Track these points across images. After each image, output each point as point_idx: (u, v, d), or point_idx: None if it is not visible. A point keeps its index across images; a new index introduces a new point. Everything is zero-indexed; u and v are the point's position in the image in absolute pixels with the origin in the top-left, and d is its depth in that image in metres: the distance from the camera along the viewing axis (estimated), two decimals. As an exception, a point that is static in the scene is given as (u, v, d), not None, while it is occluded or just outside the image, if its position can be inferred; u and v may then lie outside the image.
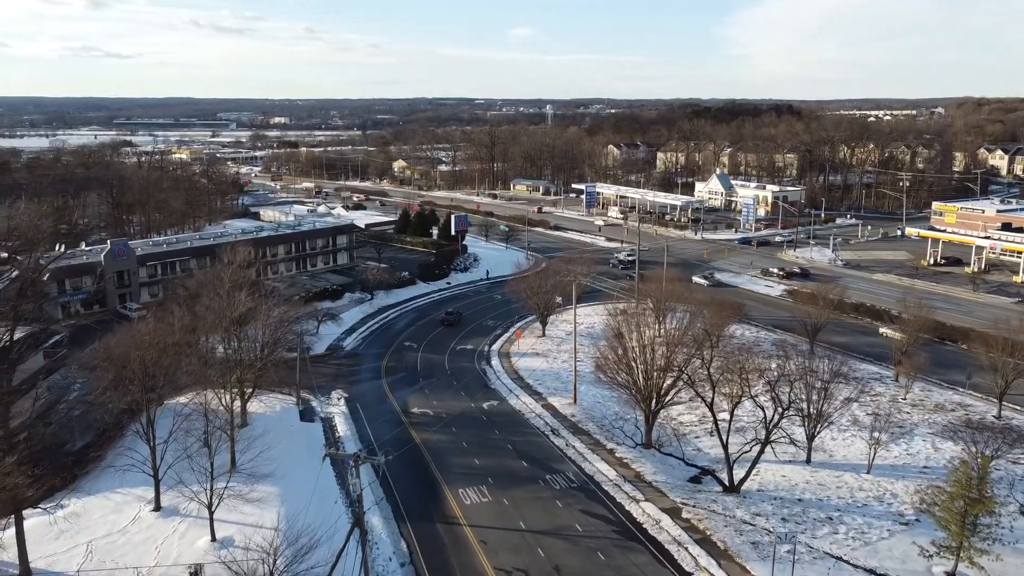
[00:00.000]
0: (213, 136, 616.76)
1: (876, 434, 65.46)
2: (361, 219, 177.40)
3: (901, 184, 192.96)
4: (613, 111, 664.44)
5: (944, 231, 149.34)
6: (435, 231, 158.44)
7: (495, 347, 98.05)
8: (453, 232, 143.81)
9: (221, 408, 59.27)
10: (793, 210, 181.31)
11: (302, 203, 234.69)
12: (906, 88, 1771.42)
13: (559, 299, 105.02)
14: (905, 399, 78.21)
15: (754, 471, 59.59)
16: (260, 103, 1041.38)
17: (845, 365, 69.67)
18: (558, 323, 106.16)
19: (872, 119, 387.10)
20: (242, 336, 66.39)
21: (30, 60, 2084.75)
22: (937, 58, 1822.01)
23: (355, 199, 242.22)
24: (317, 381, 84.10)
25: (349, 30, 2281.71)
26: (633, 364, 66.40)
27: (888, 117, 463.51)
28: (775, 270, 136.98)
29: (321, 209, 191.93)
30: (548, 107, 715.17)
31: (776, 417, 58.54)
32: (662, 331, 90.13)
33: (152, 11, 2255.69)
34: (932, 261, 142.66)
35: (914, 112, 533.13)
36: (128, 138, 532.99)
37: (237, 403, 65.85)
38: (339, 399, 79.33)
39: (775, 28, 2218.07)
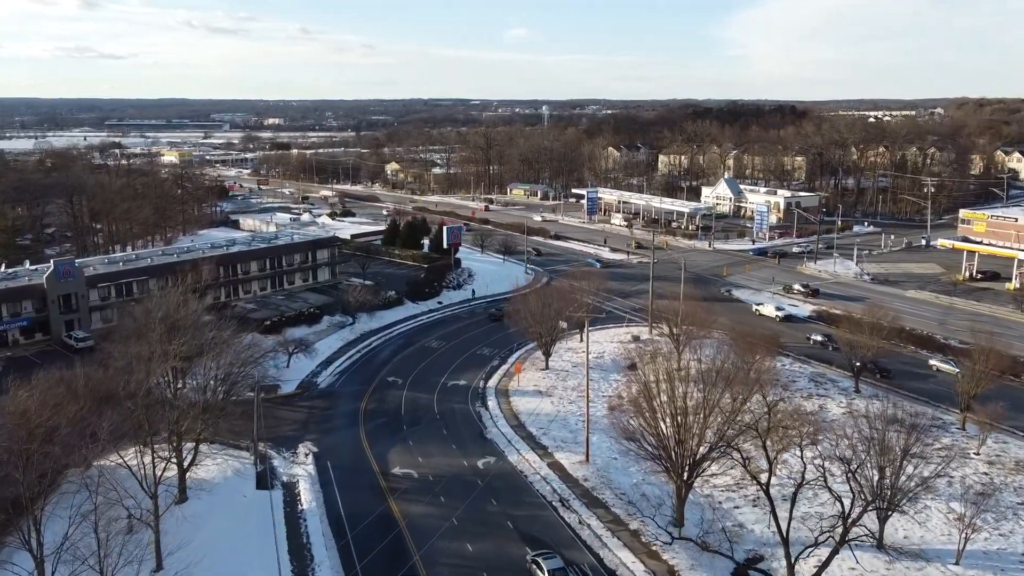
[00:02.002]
0: (205, 137, 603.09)
1: (958, 506, 53.53)
2: (348, 228, 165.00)
3: (926, 190, 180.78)
4: (610, 111, 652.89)
5: (980, 242, 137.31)
6: (426, 242, 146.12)
7: (491, 383, 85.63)
8: (445, 244, 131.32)
9: (146, 481, 46.82)
10: (812, 218, 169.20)
11: (288, 209, 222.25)
12: (902, 89, 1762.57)
13: (563, 324, 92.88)
14: (978, 454, 66.08)
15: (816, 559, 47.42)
16: (255, 104, 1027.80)
17: (917, 426, 56.81)
18: (563, 351, 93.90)
19: (872, 119, 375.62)
20: (180, 390, 53.88)
21: (23, 61, 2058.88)
22: (932, 59, 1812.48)
23: (341, 195, 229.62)
24: (283, 430, 71.72)
25: (344, 31, 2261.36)
26: (662, 425, 53.97)
27: (888, 118, 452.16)
28: (797, 287, 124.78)
29: (305, 217, 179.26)
30: (544, 108, 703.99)
31: (859, 511, 46.15)
32: (687, 367, 78.23)
33: (145, 11, 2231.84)
34: (968, 275, 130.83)
35: (913, 112, 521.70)
36: (118, 139, 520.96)
37: (173, 470, 53.49)
38: (307, 455, 66.88)
39: (771, 29, 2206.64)
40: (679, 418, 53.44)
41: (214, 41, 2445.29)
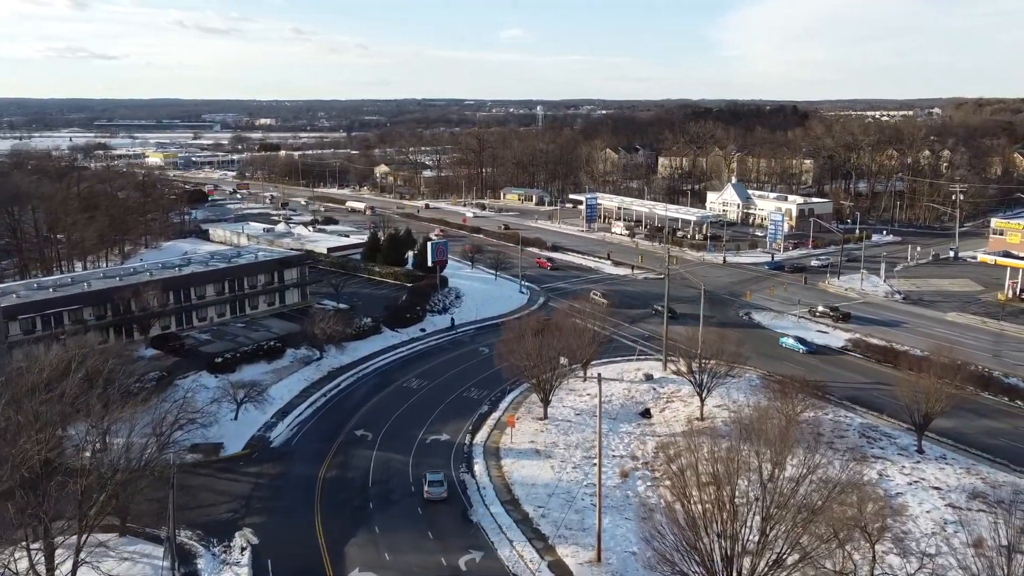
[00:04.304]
0: (195, 138, 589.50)
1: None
2: (325, 241, 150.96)
3: (953, 196, 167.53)
4: (605, 112, 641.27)
5: (1022, 257, 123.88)
6: (410, 256, 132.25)
7: (479, 437, 71.75)
8: (430, 262, 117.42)
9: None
10: (832, 227, 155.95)
11: (267, 216, 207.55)
12: (897, 89, 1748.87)
13: (564, 360, 79.12)
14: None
15: None
16: (248, 104, 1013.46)
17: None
18: (563, 394, 80.00)
19: (871, 120, 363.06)
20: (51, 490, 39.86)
21: (14, 61, 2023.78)
22: (928, 59, 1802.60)
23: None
24: (218, 510, 57.70)
25: (338, 31, 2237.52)
26: (705, 537, 40.18)
27: (886, 118, 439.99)
28: (822, 308, 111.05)
29: (280, 227, 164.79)
30: (539, 108, 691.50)
31: None
32: (713, 418, 64.62)
33: (136, 12, 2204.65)
34: (1011, 294, 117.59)
35: (911, 112, 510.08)
36: (105, 140, 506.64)
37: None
38: (244, 549, 52.79)
39: (766, 29, 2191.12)
40: (727, 525, 39.83)
41: (207, 41, 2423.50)
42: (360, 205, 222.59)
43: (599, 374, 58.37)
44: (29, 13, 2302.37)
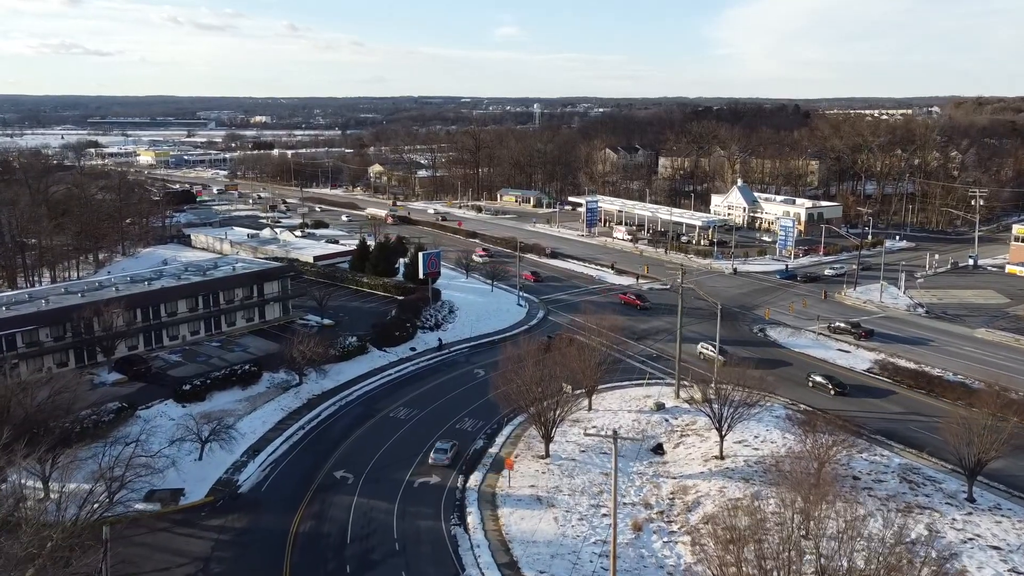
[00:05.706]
0: (189, 136, 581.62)
1: None
2: (312, 248, 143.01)
3: (973, 201, 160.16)
4: (602, 110, 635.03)
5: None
6: (401, 265, 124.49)
7: (473, 480, 64.00)
8: (421, 274, 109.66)
9: None
10: (845, 234, 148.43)
11: (256, 218, 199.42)
12: (893, 87, 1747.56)
13: (568, 387, 71.81)
14: None
15: None
16: (243, 101, 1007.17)
17: None
18: (565, 427, 71.96)
19: (870, 118, 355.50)
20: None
21: (8, 58, 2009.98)
22: (921, 58, 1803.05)
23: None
24: (173, 574, 50.06)
25: (332, 28, 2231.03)
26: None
27: (884, 116, 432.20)
28: (840, 324, 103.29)
29: (265, 233, 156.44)
30: (535, 106, 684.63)
31: None
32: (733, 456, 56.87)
33: (130, 7, 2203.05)
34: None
35: (910, 111, 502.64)
36: (98, 138, 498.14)
37: None
38: (196, 629, 45.25)
39: (762, 28, 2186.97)
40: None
41: (201, 38, 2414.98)
42: (382, 213, 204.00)
43: (615, 431, 50.46)
44: (22, 9, 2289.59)
